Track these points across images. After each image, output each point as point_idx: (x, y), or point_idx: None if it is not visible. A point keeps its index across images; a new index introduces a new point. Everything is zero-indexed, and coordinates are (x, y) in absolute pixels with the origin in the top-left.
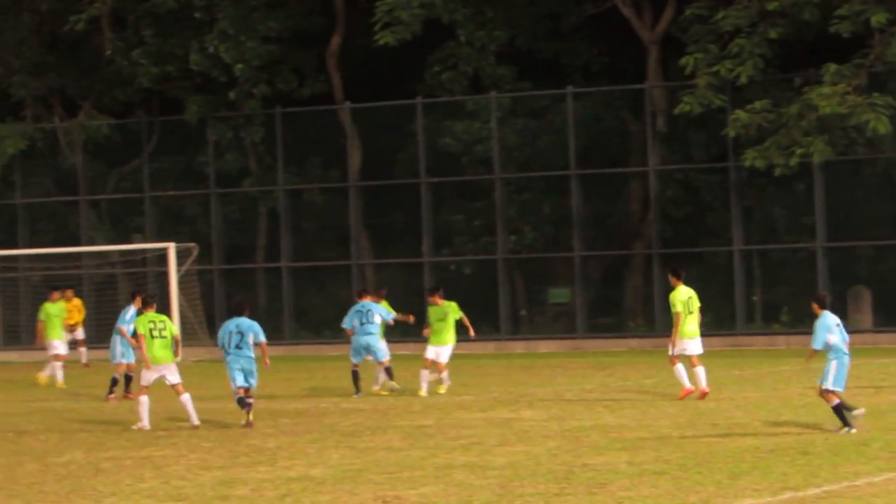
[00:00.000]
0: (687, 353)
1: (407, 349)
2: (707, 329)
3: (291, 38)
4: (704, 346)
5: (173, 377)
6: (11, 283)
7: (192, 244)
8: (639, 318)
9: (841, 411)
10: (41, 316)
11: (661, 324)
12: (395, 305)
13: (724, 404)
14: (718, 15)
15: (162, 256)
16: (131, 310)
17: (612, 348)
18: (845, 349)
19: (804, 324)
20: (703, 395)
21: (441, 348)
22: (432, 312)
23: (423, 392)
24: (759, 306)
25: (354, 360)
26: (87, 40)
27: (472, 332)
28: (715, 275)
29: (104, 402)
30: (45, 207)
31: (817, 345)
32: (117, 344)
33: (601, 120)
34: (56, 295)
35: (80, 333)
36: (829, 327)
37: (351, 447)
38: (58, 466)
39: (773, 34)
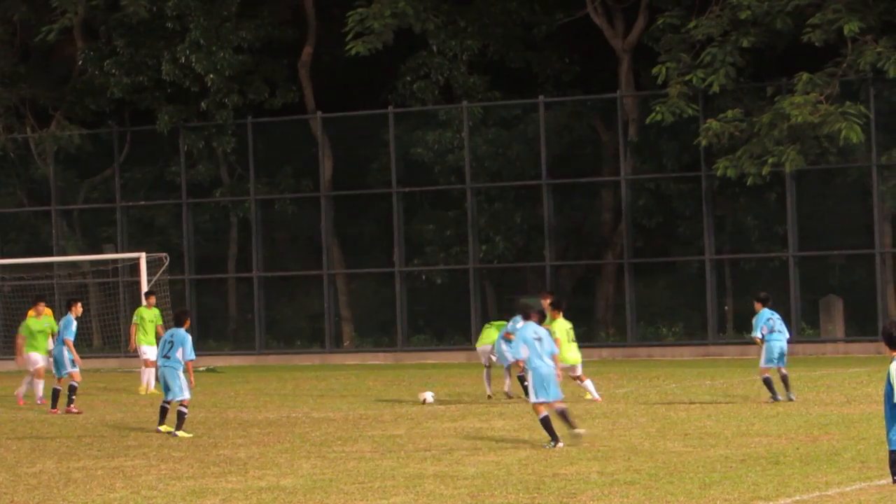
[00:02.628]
0: (576, 373)
1: None
2: (678, 339)
3: (263, 49)
4: (675, 354)
5: None
6: None
7: (164, 254)
8: (610, 328)
9: (549, 424)
10: (135, 319)
11: (633, 334)
12: (366, 316)
13: (695, 414)
14: (690, 24)
15: (133, 266)
16: (70, 318)
17: (584, 358)
18: (541, 360)
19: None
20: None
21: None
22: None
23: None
24: (731, 316)
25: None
26: (59, 50)
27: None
28: (686, 284)
29: (60, 414)
30: (17, 217)
31: (517, 355)
32: (64, 355)
33: (573, 129)
34: (153, 300)
35: (49, 343)
36: (525, 339)
37: (322, 457)
38: (28, 476)
39: (745, 43)
